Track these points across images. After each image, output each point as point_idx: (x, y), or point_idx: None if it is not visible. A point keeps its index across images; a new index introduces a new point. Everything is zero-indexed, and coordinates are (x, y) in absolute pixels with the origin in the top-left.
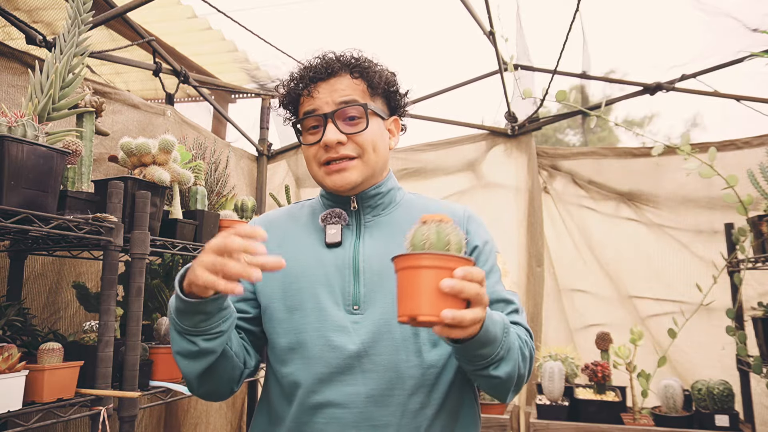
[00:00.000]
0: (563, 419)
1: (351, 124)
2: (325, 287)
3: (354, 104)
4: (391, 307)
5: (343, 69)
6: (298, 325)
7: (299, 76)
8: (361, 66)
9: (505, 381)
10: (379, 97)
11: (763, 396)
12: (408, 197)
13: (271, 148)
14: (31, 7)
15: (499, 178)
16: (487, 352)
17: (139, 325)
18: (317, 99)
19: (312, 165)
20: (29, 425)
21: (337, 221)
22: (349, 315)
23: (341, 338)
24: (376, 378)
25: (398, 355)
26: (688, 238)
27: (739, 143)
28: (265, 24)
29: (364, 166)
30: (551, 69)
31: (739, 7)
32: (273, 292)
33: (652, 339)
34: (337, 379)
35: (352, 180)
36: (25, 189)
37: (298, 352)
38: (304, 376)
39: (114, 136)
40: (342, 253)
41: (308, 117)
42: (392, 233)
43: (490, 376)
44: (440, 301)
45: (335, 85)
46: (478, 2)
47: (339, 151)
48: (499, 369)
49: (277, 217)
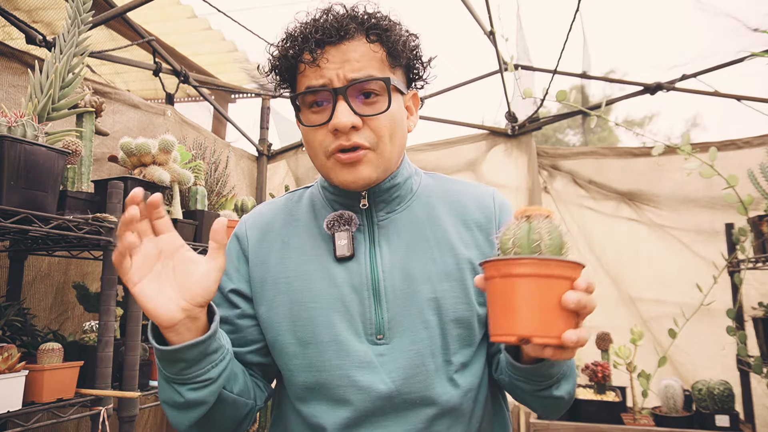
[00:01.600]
0: (563, 419)
1: (368, 103)
2: (342, 314)
3: (372, 79)
4: (422, 333)
5: (358, 30)
6: (315, 362)
7: (300, 35)
8: (380, 27)
9: (566, 401)
10: (400, 68)
11: (764, 396)
12: (425, 182)
13: (271, 148)
14: (31, 7)
15: (500, 178)
16: (556, 370)
17: (139, 325)
18: (325, 69)
19: (317, 153)
20: (29, 425)
21: (347, 228)
22: (372, 346)
23: (368, 377)
24: (412, 417)
25: (434, 389)
26: (689, 238)
27: (739, 143)
28: (265, 24)
29: (379, 159)
30: (551, 69)
31: (739, 7)
32: (279, 323)
33: (653, 339)
34: (368, 422)
35: (365, 176)
36: (25, 189)
37: (318, 392)
38: (329, 422)
39: (114, 136)
40: (357, 269)
41: (313, 91)
42: (413, 237)
43: (551, 397)
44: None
45: (348, 53)
46: (479, 2)
47: (351, 138)
48: (560, 388)
49: (272, 217)
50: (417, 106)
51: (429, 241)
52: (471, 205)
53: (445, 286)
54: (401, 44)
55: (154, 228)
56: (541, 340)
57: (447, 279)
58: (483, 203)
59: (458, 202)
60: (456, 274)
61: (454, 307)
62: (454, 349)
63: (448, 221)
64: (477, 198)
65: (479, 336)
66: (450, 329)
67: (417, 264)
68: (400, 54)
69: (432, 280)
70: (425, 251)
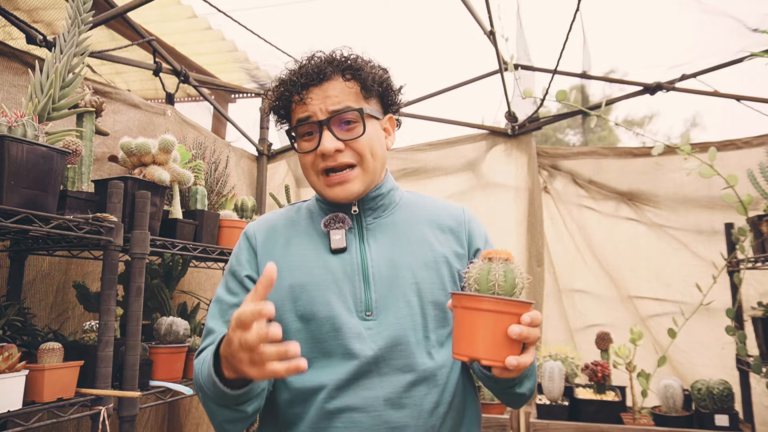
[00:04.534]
0: (563, 419)
1: (347, 129)
2: (336, 294)
3: (349, 110)
4: (404, 311)
5: (335, 72)
6: (315, 334)
7: (289, 81)
8: (352, 67)
9: (527, 396)
10: (374, 98)
11: (763, 396)
12: (406, 197)
13: (271, 148)
14: (31, 6)
15: (499, 178)
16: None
17: (139, 325)
18: (310, 105)
19: (310, 173)
20: (29, 425)
21: (341, 226)
22: (362, 321)
23: (358, 345)
24: (393, 381)
25: (414, 358)
26: (688, 237)
27: (739, 143)
28: (265, 24)
29: (365, 174)
30: (551, 69)
31: (739, 7)
32: (283, 303)
33: (652, 339)
34: (355, 384)
35: (354, 191)
36: (25, 189)
37: (316, 360)
38: (324, 382)
39: (114, 135)
40: (349, 259)
41: (302, 124)
42: (396, 236)
43: (515, 394)
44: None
45: (328, 91)
46: (479, 2)
47: (337, 159)
48: (522, 386)
49: (275, 221)
50: (394, 127)
51: (410, 239)
52: (444, 214)
53: (424, 273)
54: (371, 79)
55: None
56: (487, 362)
57: (426, 268)
58: (454, 213)
59: (434, 212)
60: (433, 265)
61: (432, 292)
62: (432, 328)
63: (425, 225)
64: (449, 209)
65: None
66: (428, 310)
67: (400, 256)
68: (372, 87)
69: (413, 268)
70: (407, 246)
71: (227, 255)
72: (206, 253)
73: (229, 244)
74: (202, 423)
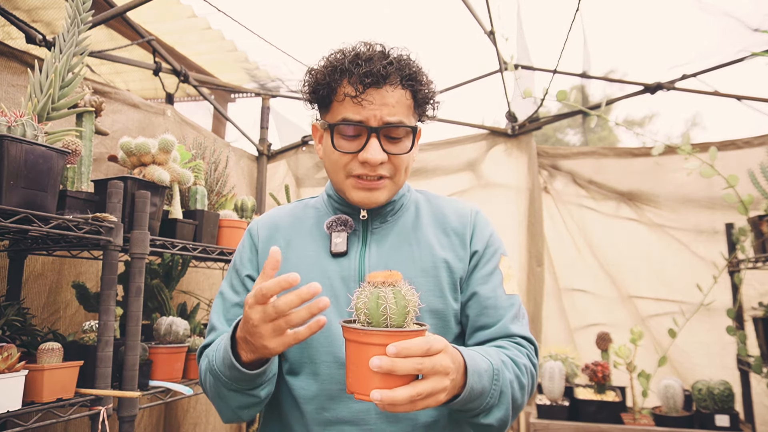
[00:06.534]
0: (563, 419)
1: (393, 143)
2: (331, 301)
3: (402, 126)
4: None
5: (396, 77)
6: (307, 341)
7: (347, 69)
8: (414, 78)
9: (496, 427)
10: (417, 110)
11: (764, 396)
12: (415, 197)
13: (271, 147)
14: (31, 6)
15: (500, 178)
16: (475, 405)
17: (139, 325)
18: (366, 109)
19: (338, 172)
20: (29, 425)
21: (343, 229)
22: None
23: None
24: None
25: None
26: (689, 238)
27: (739, 143)
28: (265, 24)
29: (394, 187)
30: (551, 69)
31: (739, 7)
32: None
33: (653, 339)
34: (347, 396)
35: (380, 200)
36: (25, 189)
37: (308, 366)
38: (315, 392)
39: (114, 135)
40: (347, 264)
41: (350, 125)
42: (399, 241)
43: (481, 425)
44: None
45: (386, 98)
46: (479, 2)
47: (377, 170)
48: (489, 416)
49: (280, 219)
50: (419, 139)
51: (411, 243)
52: (452, 216)
53: (421, 280)
54: (422, 95)
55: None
56: (358, 396)
57: (423, 275)
58: (462, 213)
59: (441, 213)
60: (432, 272)
61: (428, 299)
62: None
63: (430, 228)
64: (457, 210)
65: (455, 330)
66: (424, 319)
67: (398, 262)
68: (423, 103)
69: (410, 275)
70: (407, 252)
71: (227, 255)
72: (206, 253)
73: (228, 244)
74: (199, 423)
